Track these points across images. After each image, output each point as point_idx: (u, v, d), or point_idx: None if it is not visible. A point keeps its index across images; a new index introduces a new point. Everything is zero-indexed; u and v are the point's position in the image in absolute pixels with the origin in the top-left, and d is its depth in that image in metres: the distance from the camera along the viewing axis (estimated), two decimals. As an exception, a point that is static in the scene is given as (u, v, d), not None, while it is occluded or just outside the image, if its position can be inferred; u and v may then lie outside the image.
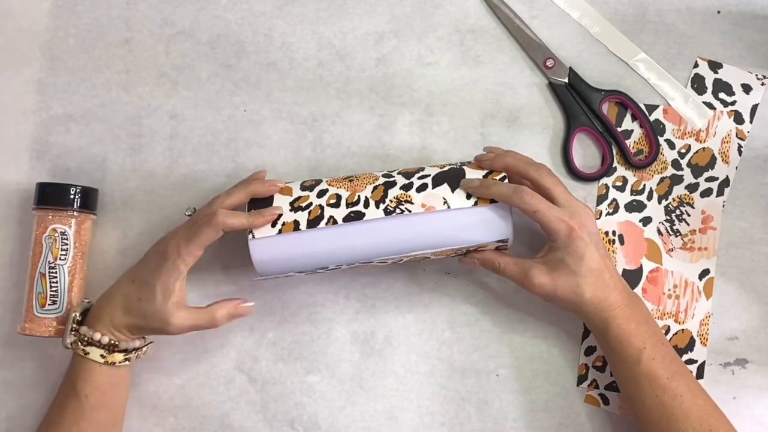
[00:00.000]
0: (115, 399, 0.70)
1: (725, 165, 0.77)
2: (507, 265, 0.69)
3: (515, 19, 0.78)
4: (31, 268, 0.71)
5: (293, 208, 0.67)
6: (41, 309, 0.71)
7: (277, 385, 0.75)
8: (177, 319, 0.66)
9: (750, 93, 0.77)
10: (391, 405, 0.75)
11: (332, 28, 0.78)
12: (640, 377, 0.66)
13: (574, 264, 0.67)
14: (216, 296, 0.74)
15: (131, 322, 0.67)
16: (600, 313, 0.67)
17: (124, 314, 0.67)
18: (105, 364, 0.67)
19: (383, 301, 0.76)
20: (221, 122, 0.77)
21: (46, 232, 0.71)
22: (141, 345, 0.69)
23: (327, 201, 0.67)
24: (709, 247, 0.76)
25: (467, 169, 0.68)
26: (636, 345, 0.66)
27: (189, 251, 0.66)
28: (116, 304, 0.68)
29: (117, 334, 0.67)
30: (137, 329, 0.68)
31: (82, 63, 0.78)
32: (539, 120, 0.77)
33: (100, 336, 0.67)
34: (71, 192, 0.72)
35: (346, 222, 0.66)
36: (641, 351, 0.66)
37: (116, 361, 0.67)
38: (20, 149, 0.77)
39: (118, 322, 0.67)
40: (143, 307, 0.66)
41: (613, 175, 0.77)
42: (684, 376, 0.66)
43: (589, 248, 0.67)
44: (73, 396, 0.67)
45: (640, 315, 0.68)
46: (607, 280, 0.67)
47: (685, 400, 0.65)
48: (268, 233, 0.66)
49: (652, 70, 0.77)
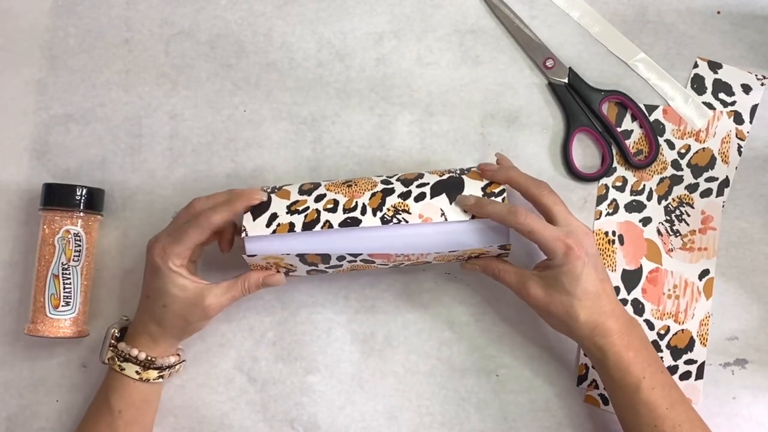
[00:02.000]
0: (147, 416, 0.70)
1: (725, 165, 0.77)
2: (506, 273, 0.68)
3: (515, 19, 0.78)
4: (39, 269, 0.71)
5: (290, 211, 0.67)
6: (55, 310, 0.71)
7: (277, 385, 0.75)
8: (212, 298, 0.67)
9: (750, 93, 0.77)
10: (391, 405, 0.75)
11: (332, 28, 0.78)
12: (639, 406, 0.65)
13: (570, 284, 0.65)
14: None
15: (172, 327, 0.67)
16: (596, 339, 0.65)
17: (159, 326, 0.67)
18: (140, 380, 0.68)
19: (383, 301, 0.76)
20: (221, 122, 0.77)
21: (58, 233, 0.71)
22: (175, 362, 0.70)
23: (324, 206, 0.67)
24: (708, 248, 0.76)
25: (466, 179, 0.68)
26: (635, 374, 0.65)
27: (177, 253, 0.66)
28: (147, 322, 0.68)
29: (160, 347, 0.68)
30: (181, 331, 0.68)
31: (82, 63, 0.78)
32: (539, 120, 0.77)
33: (137, 352, 0.67)
34: (79, 193, 0.72)
35: (342, 227, 0.66)
36: (641, 380, 0.64)
37: (151, 378, 0.68)
38: (20, 149, 0.77)
39: (157, 335, 0.68)
40: (173, 308, 0.67)
41: (613, 176, 0.77)
42: (683, 404, 0.65)
43: (587, 269, 0.65)
44: (107, 411, 0.68)
45: (639, 342, 0.66)
46: (605, 305, 0.66)
47: (684, 430, 0.64)
48: (263, 232, 0.66)
49: (652, 71, 0.77)
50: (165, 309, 0.67)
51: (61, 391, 0.75)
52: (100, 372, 0.74)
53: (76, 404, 0.75)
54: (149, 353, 0.68)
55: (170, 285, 0.66)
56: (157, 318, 0.67)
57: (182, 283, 0.67)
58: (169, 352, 0.69)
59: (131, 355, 0.67)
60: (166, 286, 0.66)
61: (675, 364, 0.75)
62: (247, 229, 0.66)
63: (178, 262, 0.66)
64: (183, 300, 0.67)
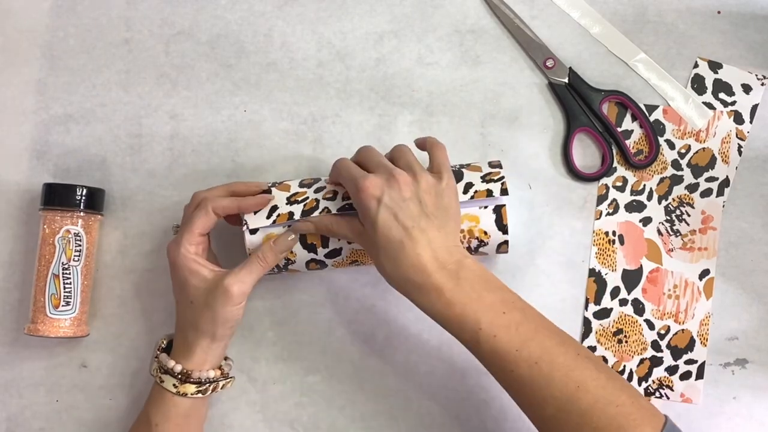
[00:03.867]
0: None
1: (725, 165, 0.77)
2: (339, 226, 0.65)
3: (515, 19, 0.77)
4: (39, 268, 0.71)
5: (290, 202, 0.68)
6: (55, 310, 0.71)
7: (277, 385, 0.75)
8: (231, 278, 0.65)
9: (750, 93, 0.77)
10: (391, 405, 0.75)
11: (332, 28, 0.78)
12: (488, 358, 0.60)
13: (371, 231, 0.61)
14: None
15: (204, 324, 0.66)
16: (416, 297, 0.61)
17: (194, 329, 0.66)
18: (177, 394, 0.66)
19: (383, 301, 0.76)
20: (221, 122, 0.77)
21: (58, 233, 0.71)
22: (215, 377, 0.67)
23: (324, 195, 0.67)
24: (709, 248, 0.76)
25: (466, 172, 0.69)
26: (469, 328, 0.60)
27: (188, 239, 0.66)
28: (184, 328, 0.67)
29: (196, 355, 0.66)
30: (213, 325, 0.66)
31: (82, 63, 0.78)
32: (539, 120, 0.77)
33: (173, 364, 0.66)
34: (79, 192, 0.72)
35: (340, 212, 0.66)
36: (477, 332, 0.60)
37: (188, 393, 0.66)
38: (20, 149, 0.77)
39: (192, 340, 0.66)
40: (198, 302, 0.66)
41: (613, 176, 0.77)
42: (535, 339, 0.59)
43: (382, 215, 0.61)
44: (145, 423, 0.67)
45: (471, 290, 0.60)
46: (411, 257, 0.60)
47: (543, 366, 0.59)
48: (263, 223, 0.67)
49: (652, 70, 0.77)
50: (192, 306, 0.66)
51: (61, 391, 0.75)
52: (100, 372, 0.75)
53: (76, 404, 0.75)
54: (186, 365, 0.66)
55: (189, 275, 0.66)
56: (189, 319, 0.67)
57: (199, 270, 0.66)
58: (209, 364, 0.67)
59: (168, 366, 0.66)
60: (187, 278, 0.66)
61: (675, 364, 0.75)
62: (248, 222, 0.67)
63: (192, 249, 0.66)
64: (204, 290, 0.66)
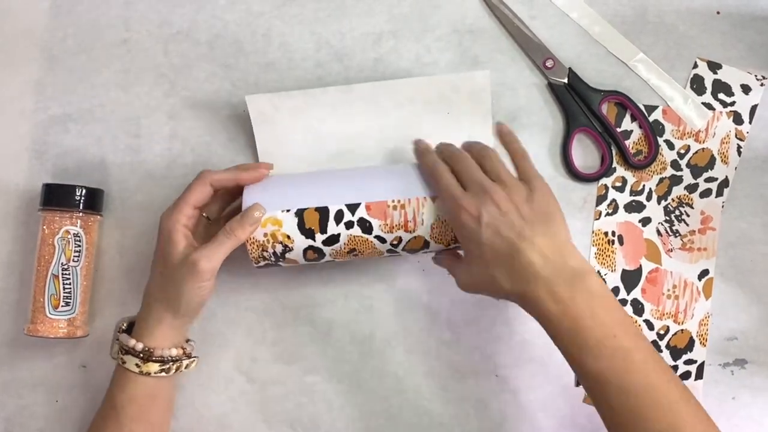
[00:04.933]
0: (155, 415, 0.68)
1: (724, 165, 0.77)
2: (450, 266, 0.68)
3: (514, 20, 0.77)
4: (39, 269, 0.71)
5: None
6: (54, 311, 0.71)
7: (276, 386, 0.75)
8: (198, 253, 0.64)
9: (749, 94, 0.77)
10: (391, 405, 0.75)
11: (330, 29, 0.78)
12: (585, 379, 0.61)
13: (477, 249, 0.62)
14: (216, 293, 0.74)
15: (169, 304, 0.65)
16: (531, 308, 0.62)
17: (158, 302, 0.66)
18: (140, 374, 0.65)
19: (383, 301, 0.76)
20: (220, 122, 0.77)
21: (58, 234, 0.71)
22: (178, 356, 0.67)
23: None
24: (708, 248, 0.76)
25: None
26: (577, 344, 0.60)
27: (180, 209, 0.66)
28: (148, 303, 0.67)
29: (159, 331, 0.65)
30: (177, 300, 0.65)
31: (81, 63, 0.78)
32: (539, 120, 0.77)
33: (134, 342, 0.65)
34: (78, 193, 0.72)
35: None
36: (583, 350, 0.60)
37: (151, 372, 0.65)
38: (19, 149, 0.77)
39: (156, 313, 0.66)
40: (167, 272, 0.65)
41: (613, 176, 0.77)
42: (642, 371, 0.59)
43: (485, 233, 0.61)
44: (111, 407, 0.66)
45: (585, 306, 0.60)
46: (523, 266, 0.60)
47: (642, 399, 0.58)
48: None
49: (652, 71, 0.77)
50: (162, 277, 0.66)
51: (60, 391, 0.75)
52: (100, 372, 0.75)
53: (76, 404, 0.75)
54: (148, 342, 0.65)
55: (167, 244, 0.65)
56: (156, 291, 0.66)
57: (178, 241, 0.65)
58: (170, 341, 0.67)
59: (129, 345, 0.65)
60: (164, 247, 0.66)
61: (675, 364, 0.75)
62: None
63: (183, 219, 0.66)
64: (177, 263, 0.65)
